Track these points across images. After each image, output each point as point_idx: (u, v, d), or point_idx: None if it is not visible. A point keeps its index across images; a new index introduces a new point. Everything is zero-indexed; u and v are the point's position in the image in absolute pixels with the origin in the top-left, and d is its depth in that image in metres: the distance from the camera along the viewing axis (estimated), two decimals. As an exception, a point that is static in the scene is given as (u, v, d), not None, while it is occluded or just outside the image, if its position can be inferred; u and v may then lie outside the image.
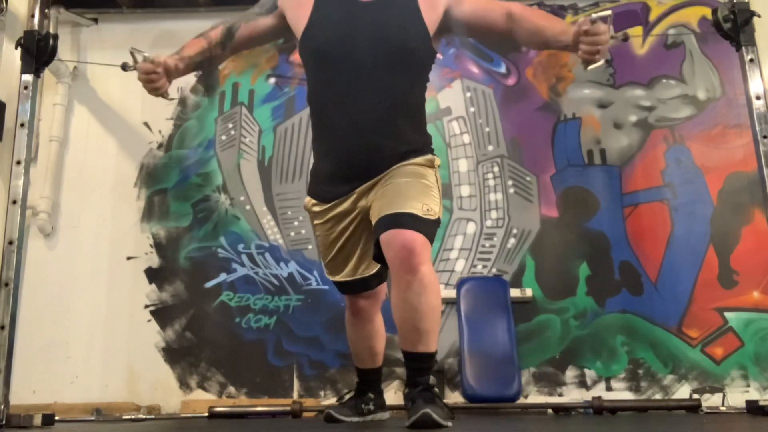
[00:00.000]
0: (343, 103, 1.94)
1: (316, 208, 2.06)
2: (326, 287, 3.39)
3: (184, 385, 3.33)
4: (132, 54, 1.88)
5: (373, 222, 1.87)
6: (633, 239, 3.38)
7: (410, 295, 1.76)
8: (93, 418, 2.89)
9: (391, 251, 1.78)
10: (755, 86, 2.62)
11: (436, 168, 2.00)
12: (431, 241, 1.83)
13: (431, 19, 1.94)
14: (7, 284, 2.40)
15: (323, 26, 1.95)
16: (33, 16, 2.72)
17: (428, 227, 1.82)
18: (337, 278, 2.09)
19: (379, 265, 2.02)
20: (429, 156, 1.99)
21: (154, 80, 1.90)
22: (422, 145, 2.00)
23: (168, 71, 1.92)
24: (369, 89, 1.91)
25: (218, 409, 2.99)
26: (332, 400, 3.16)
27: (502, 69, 3.66)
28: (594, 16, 1.72)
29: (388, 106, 1.92)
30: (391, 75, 1.91)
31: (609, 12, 1.72)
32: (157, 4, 3.78)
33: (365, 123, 1.92)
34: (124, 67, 1.91)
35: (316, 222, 2.08)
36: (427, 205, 1.84)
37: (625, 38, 1.78)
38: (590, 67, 1.78)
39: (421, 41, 1.94)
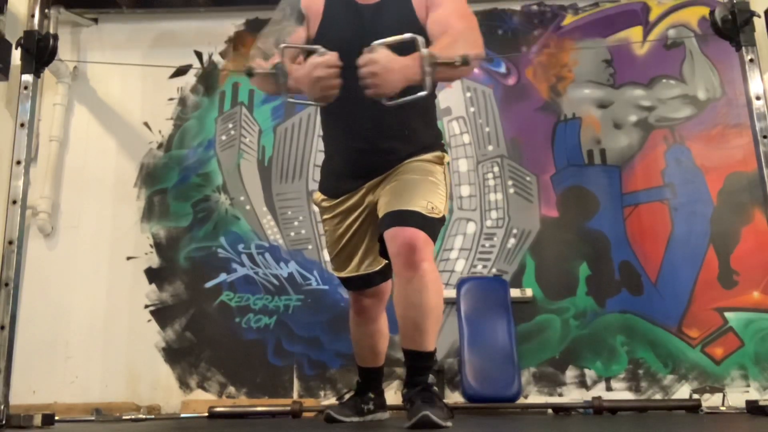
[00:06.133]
0: (351, 108, 1.94)
1: (325, 203, 2.08)
2: (326, 287, 3.39)
3: (184, 385, 3.33)
4: (311, 51, 1.67)
5: (379, 218, 1.89)
6: (633, 239, 3.38)
7: (410, 292, 1.77)
8: (93, 418, 2.89)
9: (393, 248, 1.80)
10: (755, 86, 2.61)
11: (445, 165, 2.01)
12: (434, 239, 1.85)
13: (424, 17, 1.94)
14: (7, 284, 2.39)
15: (332, 31, 1.96)
16: (33, 16, 2.72)
17: (431, 225, 1.84)
18: (342, 274, 2.10)
19: (383, 263, 2.04)
20: (438, 152, 2.00)
21: (335, 76, 1.68)
22: (431, 142, 2.02)
23: None
24: None
25: (218, 409, 2.99)
26: (332, 400, 3.16)
27: (502, 69, 3.66)
28: (377, 42, 1.59)
29: (394, 108, 1.92)
30: None
31: (390, 39, 1.58)
32: (157, 4, 3.78)
33: (373, 127, 1.93)
34: (250, 72, 1.73)
35: (324, 217, 2.10)
36: (432, 203, 1.85)
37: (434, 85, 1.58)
38: (389, 103, 1.60)
39: (411, 46, 1.93)
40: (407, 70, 1.60)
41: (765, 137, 2.56)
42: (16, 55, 2.64)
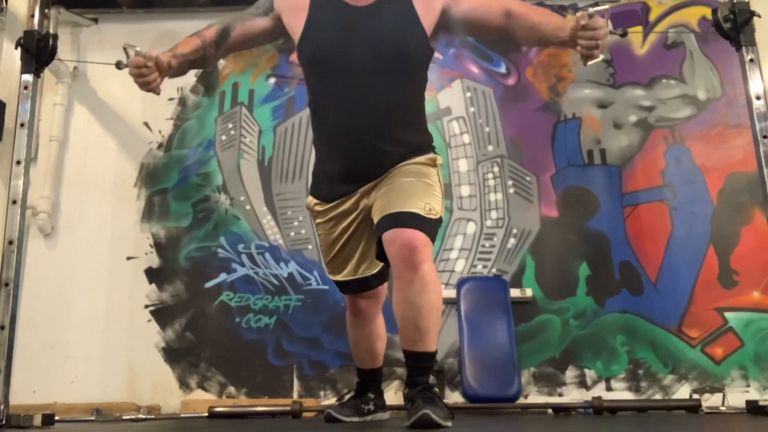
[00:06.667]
0: (341, 109, 1.94)
1: (318, 208, 2.07)
2: (326, 287, 3.39)
3: (184, 385, 3.33)
4: (125, 49, 1.85)
5: (375, 221, 1.88)
6: (633, 239, 3.38)
7: (411, 293, 1.77)
8: (93, 418, 2.89)
9: (393, 249, 1.80)
10: (755, 86, 2.62)
11: (438, 167, 2.01)
12: (433, 240, 1.84)
13: (428, 20, 1.93)
14: (7, 284, 2.39)
15: (318, 32, 1.94)
16: (33, 16, 2.72)
17: (430, 226, 1.83)
18: (338, 278, 2.10)
19: (380, 266, 2.03)
20: (431, 155, 2.00)
21: (145, 74, 1.87)
22: (423, 145, 2.01)
23: (160, 67, 1.89)
24: (367, 94, 1.91)
25: (218, 409, 2.99)
26: (332, 400, 3.16)
27: (502, 69, 3.66)
28: (591, 10, 1.69)
29: (387, 109, 1.92)
30: (389, 79, 1.91)
31: (606, 6, 1.70)
32: (157, 4, 3.78)
33: (365, 128, 1.92)
34: (119, 65, 1.88)
35: (318, 221, 2.09)
36: (429, 204, 1.85)
37: (624, 34, 1.75)
38: (590, 63, 1.75)
39: (417, 44, 1.93)
40: None
41: (765, 137, 2.56)
42: (17, 55, 2.64)
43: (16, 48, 2.63)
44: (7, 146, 2.56)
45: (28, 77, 2.59)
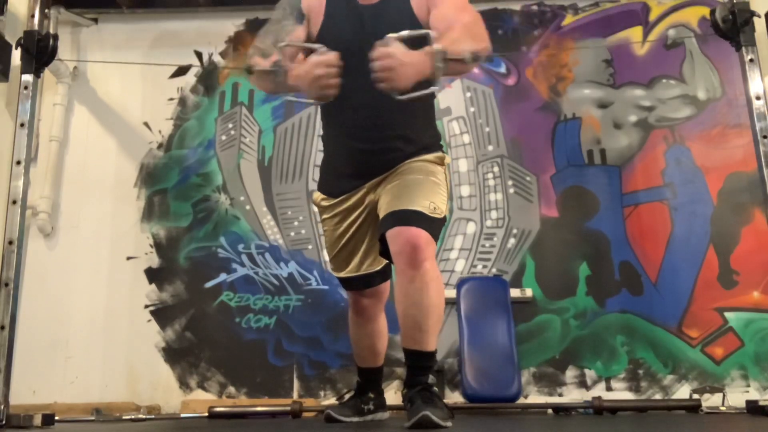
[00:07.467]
0: (350, 107, 1.95)
1: (325, 203, 2.08)
2: (326, 287, 3.39)
3: (184, 385, 3.33)
4: (311, 49, 1.64)
5: (381, 217, 1.89)
6: (633, 239, 3.38)
7: (412, 291, 1.78)
8: (93, 418, 2.89)
9: (395, 247, 1.81)
10: (755, 86, 2.62)
11: (446, 165, 2.02)
12: (436, 238, 1.85)
13: (425, 18, 1.94)
14: (7, 284, 2.40)
15: (332, 31, 1.96)
16: (33, 16, 2.72)
17: (434, 225, 1.84)
18: (342, 274, 2.10)
19: (383, 263, 2.05)
20: (438, 153, 2.01)
21: (334, 76, 1.69)
22: (431, 143, 2.02)
23: None
24: (374, 92, 1.91)
25: (218, 409, 2.99)
26: (332, 400, 3.16)
27: (502, 69, 3.66)
28: (390, 36, 1.54)
29: (394, 107, 1.92)
30: None
31: (403, 34, 1.54)
32: (157, 4, 3.78)
33: (373, 126, 1.94)
34: (250, 69, 1.74)
35: (324, 216, 2.10)
36: (434, 203, 1.86)
37: (435, 84, 1.55)
38: (400, 98, 1.57)
39: (418, 41, 1.93)
40: (421, 65, 1.62)
41: (765, 137, 2.57)
42: (16, 55, 2.64)
43: (16, 48, 2.64)
44: (7, 146, 2.56)
45: (28, 77, 2.59)
